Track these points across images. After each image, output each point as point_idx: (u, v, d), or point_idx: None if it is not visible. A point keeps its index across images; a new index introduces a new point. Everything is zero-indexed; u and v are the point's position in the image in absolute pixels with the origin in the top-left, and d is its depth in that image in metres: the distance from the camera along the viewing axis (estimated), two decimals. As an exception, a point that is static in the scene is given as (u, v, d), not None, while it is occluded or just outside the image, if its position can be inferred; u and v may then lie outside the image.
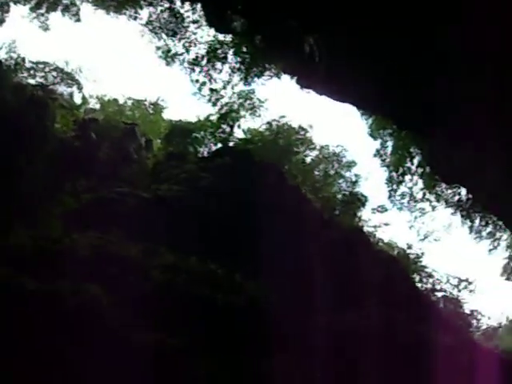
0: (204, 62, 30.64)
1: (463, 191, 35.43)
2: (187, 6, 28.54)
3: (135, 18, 30.22)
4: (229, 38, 28.02)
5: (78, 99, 36.28)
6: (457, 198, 37.57)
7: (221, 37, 28.55)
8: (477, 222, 38.25)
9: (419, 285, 36.20)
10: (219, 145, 34.14)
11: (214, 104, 34.61)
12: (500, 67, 11.63)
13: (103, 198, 22.34)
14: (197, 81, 32.46)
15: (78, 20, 31.11)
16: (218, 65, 30.21)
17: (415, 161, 37.49)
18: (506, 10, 9.84)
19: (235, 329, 13.62)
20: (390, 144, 37.97)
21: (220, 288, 15.69)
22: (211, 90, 33.26)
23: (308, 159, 38.49)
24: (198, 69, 31.06)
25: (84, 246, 16.71)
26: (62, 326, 11.99)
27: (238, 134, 36.24)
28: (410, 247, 41.36)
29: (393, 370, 14.24)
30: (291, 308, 16.11)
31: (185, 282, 15.47)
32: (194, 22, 29.44)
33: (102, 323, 12.11)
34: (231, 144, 34.11)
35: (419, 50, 12.06)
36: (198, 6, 26.79)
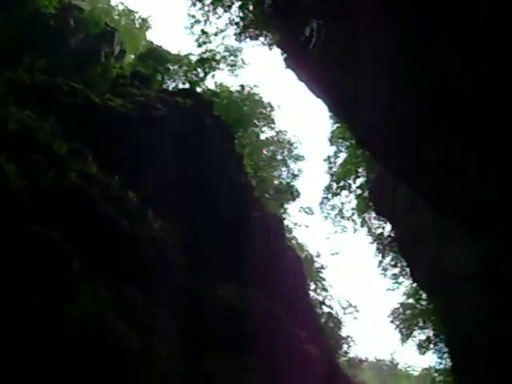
0: (208, 1, 30.10)
1: (388, 228, 36.25)
2: None
3: None
4: (241, -10, 27.53)
5: (71, -19, 35.07)
6: (380, 231, 38.45)
7: (234, -14, 28.05)
8: (387, 259, 39.25)
9: (312, 293, 36.96)
10: (187, 85, 33.70)
11: (200, 45, 34.16)
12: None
13: (54, 86, 21.60)
14: (193, 16, 31.98)
15: None
16: (220, 11, 29.69)
17: (358, 181, 38.14)
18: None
19: (133, 258, 13.41)
20: (342, 156, 38.49)
21: (127, 217, 15.48)
22: (203, 31, 32.82)
23: (263, 136, 38.57)
24: (199, 5, 30.49)
25: (16, 121, 16.19)
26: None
27: (209, 83, 35.95)
28: (318, 256, 42.19)
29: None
30: (187, 261, 16.11)
31: (94, 199, 15.15)
32: (216, -41, 28.91)
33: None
34: (198, 90, 33.72)
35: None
36: None
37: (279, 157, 39.03)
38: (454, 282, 19.34)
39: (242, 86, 36.31)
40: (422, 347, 39.26)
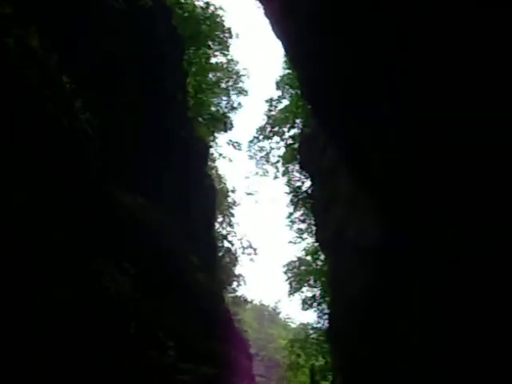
0: None
1: (307, 184, 36.78)
2: None
3: None
4: None
5: None
6: (298, 184, 39.01)
7: None
8: (297, 214, 39.98)
9: (217, 225, 37.34)
10: (152, -13, 32.38)
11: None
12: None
13: None
14: None
15: None
16: None
17: (292, 131, 38.35)
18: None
19: (49, 143, 12.94)
20: (285, 102, 38.47)
21: (54, 100, 14.91)
22: None
23: (213, 60, 37.88)
24: None
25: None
26: None
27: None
28: (233, 191, 42.51)
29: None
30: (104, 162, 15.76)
31: (26, 75, 14.44)
32: None
33: None
34: (163, -5, 32.48)
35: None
36: None
37: (223, 85, 38.53)
38: (352, 251, 19.91)
39: (208, 4, 35.32)
40: (306, 304, 40.66)
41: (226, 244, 41.40)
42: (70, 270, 10.82)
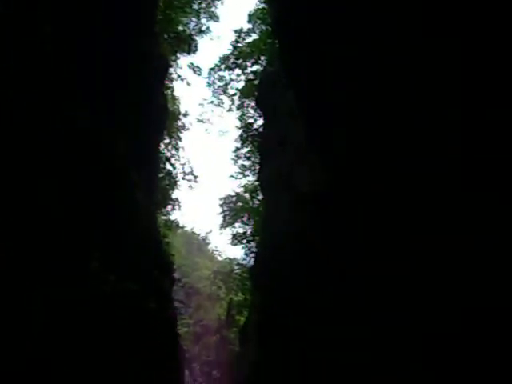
0: None
1: (259, 122, 36.73)
2: None
3: None
4: None
5: None
6: (251, 121, 38.90)
7: None
8: (244, 150, 40.02)
9: (163, 146, 36.92)
10: None
11: None
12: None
13: None
14: None
15: None
16: None
17: (255, 67, 37.96)
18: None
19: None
20: (254, 36, 37.89)
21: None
22: None
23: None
24: None
25: None
26: None
27: None
28: (185, 115, 42.00)
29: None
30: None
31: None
32: None
33: None
34: None
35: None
36: None
37: (195, 6, 37.45)
38: (291, 196, 20.11)
39: None
40: (236, 239, 41.16)
41: (168, 166, 40.95)
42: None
